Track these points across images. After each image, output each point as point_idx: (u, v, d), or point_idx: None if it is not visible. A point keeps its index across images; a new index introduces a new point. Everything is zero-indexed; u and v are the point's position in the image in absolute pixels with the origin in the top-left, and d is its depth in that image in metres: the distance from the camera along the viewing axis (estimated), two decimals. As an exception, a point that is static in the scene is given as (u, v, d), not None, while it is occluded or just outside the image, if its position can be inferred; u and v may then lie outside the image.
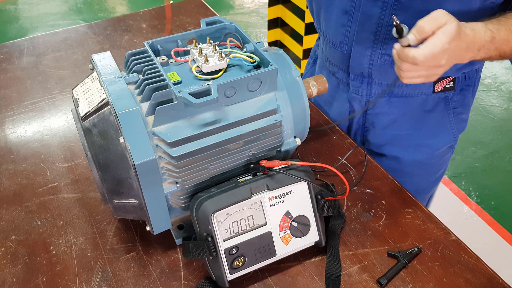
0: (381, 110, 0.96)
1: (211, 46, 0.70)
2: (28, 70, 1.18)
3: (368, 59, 0.89)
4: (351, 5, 0.86)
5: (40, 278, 0.71)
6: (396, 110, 0.95)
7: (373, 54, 0.88)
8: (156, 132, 0.62)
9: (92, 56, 0.69)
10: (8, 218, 0.80)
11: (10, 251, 0.75)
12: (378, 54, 0.87)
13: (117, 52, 1.24)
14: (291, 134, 0.74)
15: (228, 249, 0.65)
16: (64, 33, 1.34)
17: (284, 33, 2.59)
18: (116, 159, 0.62)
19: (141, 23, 1.38)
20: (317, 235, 0.71)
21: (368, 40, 0.87)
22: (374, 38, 0.86)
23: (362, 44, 0.88)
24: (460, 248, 0.74)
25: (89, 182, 0.87)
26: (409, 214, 0.80)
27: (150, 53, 0.69)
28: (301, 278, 0.70)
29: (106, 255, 0.74)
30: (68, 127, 1.00)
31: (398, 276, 0.70)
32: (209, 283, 0.68)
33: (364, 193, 0.84)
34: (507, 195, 2.08)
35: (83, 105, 0.66)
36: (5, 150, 0.94)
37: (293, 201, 0.69)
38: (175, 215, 0.76)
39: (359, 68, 0.92)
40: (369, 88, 0.95)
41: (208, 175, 0.69)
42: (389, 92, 0.93)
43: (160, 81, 0.64)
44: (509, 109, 2.58)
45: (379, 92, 0.94)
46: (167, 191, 0.66)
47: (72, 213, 0.81)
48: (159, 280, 0.70)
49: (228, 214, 0.65)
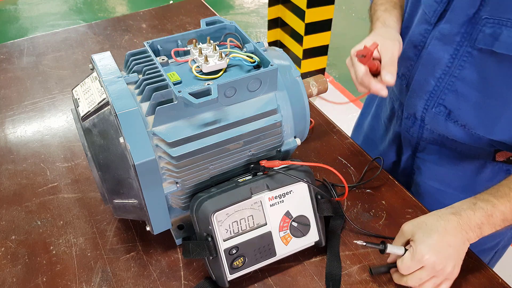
0: (430, 157, 0.89)
1: (211, 46, 0.70)
2: (28, 70, 1.18)
3: (423, 103, 0.81)
4: (421, 40, 0.80)
5: (40, 278, 0.71)
6: (447, 163, 0.87)
7: (430, 100, 0.80)
8: (156, 132, 0.62)
9: (92, 56, 0.69)
10: (8, 218, 0.80)
11: (10, 251, 0.75)
12: (434, 102, 0.80)
13: (117, 52, 1.24)
14: (291, 134, 0.74)
15: (228, 249, 0.65)
16: (64, 33, 1.34)
17: (284, 33, 2.59)
18: (116, 159, 0.62)
19: (141, 23, 1.38)
20: (317, 235, 0.71)
21: (428, 84, 0.79)
22: (435, 84, 0.78)
23: (421, 85, 0.80)
24: (460, 248, 0.74)
25: (89, 182, 0.87)
26: (409, 214, 0.79)
27: (150, 53, 0.69)
28: (301, 278, 0.70)
29: (106, 255, 0.74)
30: (68, 127, 1.00)
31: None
32: (209, 283, 0.68)
33: (364, 193, 0.84)
34: (507, 195, 2.07)
35: (83, 105, 0.66)
36: (5, 150, 0.94)
37: (293, 201, 0.69)
38: (175, 215, 0.76)
39: (413, 108, 0.84)
40: (421, 132, 0.87)
41: (208, 175, 0.69)
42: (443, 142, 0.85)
43: (160, 81, 0.64)
44: (509, 109, 2.57)
45: (430, 137, 0.86)
46: (167, 191, 0.66)
47: (72, 213, 0.81)
48: (159, 280, 0.70)
49: (228, 214, 0.65)
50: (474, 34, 0.71)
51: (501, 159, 0.81)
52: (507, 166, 0.82)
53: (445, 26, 0.74)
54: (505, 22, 0.66)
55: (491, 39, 0.68)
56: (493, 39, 0.68)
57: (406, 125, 0.89)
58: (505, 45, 0.67)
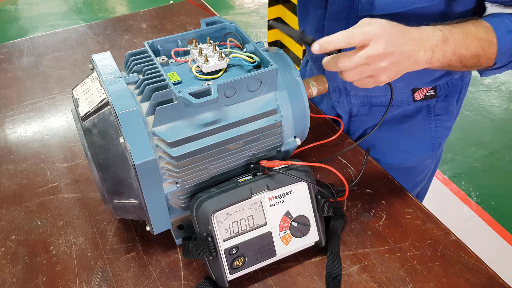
0: (364, 118, 0.99)
1: (211, 46, 0.70)
2: (28, 70, 1.18)
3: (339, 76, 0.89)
4: (320, 24, 0.89)
5: (40, 278, 0.71)
6: (378, 118, 0.96)
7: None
8: (156, 132, 0.62)
9: (92, 56, 0.69)
10: (8, 218, 0.80)
11: (10, 251, 0.75)
12: None
13: (117, 52, 1.24)
14: (291, 134, 0.74)
15: (228, 249, 0.65)
16: (64, 33, 1.34)
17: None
18: (116, 159, 0.62)
19: (141, 23, 1.38)
20: (317, 235, 0.71)
21: None
22: None
23: None
24: (460, 248, 0.74)
25: (89, 182, 0.87)
26: (409, 214, 0.80)
27: (150, 53, 0.69)
28: (301, 278, 0.70)
29: (106, 255, 0.74)
30: (68, 127, 1.00)
31: (398, 276, 0.70)
32: (209, 283, 0.68)
33: (364, 193, 0.84)
34: (507, 195, 2.08)
35: (83, 105, 0.66)
36: (5, 150, 0.94)
37: (293, 201, 0.69)
38: (175, 215, 0.76)
39: (334, 82, 0.94)
40: (349, 99, 0.97)
41: (208, 175, 0.69)
42: (369, 101, 0.95)
43: (160, 81, 0.64)
44: (509, 109, 2.58)
45: (358, 102, 0.96)
46: (167, 191, 0.66)
47: (72, 213, 0.81)
48: (159, 280, 0.70)
49: (228, 214, 0.65)
50: (355, 6, 0.81)
51: (419, 98, 0.93)
52: (426, 102, 0.94)
53: (332, 6, 0.85)
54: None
55: (368, 6, 0.79)
56: (370, 5, 0.79)
57: (335, 97, 0.99)
58: (380, 6, 0.78)
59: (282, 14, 2.53)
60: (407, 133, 0.97)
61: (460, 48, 0.68)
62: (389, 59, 0.63)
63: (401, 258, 0.73)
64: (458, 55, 0.69)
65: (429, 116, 0.95)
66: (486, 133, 2.40)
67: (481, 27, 0.71)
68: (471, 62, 0.71)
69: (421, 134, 0.97)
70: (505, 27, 0.72)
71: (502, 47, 0.71)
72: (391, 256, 0.73)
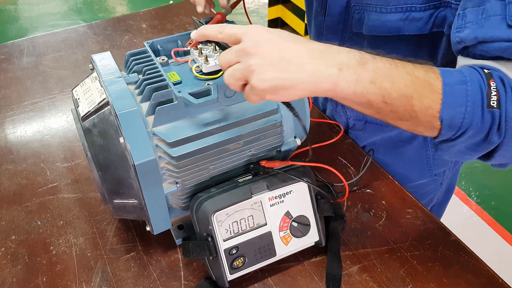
0: (359, 133, 0.96)
1: (211, 46, 0.70)
2: (28, 70, 1.18)
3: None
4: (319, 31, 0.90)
5: (40, 278, 0.71)
6: (372, 135, 0.94)
7: None
8: (156, 132, 0.62)
9: (92, 56, 0.69)
10: (8, 218, 0.80)
11: (10, 251, 0.75)
12: None
13: (117, 52, 1.24)
14: (291, 134, 0.74)
15: (228, 249, 0.65)
16: (64, 33, 1.34)
17: (284, 33, 2.59)
18: (116, 159, 0.62)
19: (141, 23, 1.38)
20: (317, 235, 0.71)
21: None
22: None
23: None
24: (460, 248, 0.74)
25: (89, 182, 0.87)
26: (409, 214, 0.80)
27: (150, 53, 0.69)
28: (301, 278, 0.70)
29: (106, 255, 0.74)
30: (68, 127, 1.00)
31: (398, 276, 0.70)
32: (209, 283, 0.68)
33: (364, 193, 0.84)
34: (507, 195, 2.08)
35: (83, 105, 0.66)
36: (5, 150, 0.94)
37: (293, 201, 0.69)
38: (175, 215, 0.76)
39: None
40: (345, 110, 0.96)
41: (208, 175, 0.69)
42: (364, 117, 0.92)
43: (160, 81, 0.64)
44: (509, 109, 2.57)
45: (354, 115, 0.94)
46: (167, 191, 0.66)
47: (72, 213, 0.81)
48: (159, 280, 0.70)
49: (228, 214, 0.65)
50: (349, 21, 0.80)
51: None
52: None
53: (329, 17, 0.83)
54: (366, 7, 0.75)
55: (360, 24, 0.78)
56: (361, 23, 0.77)
57: (333, 106, 0.99)
58: (368, 27, 0.76)
59: (282, 14, 2.53)
60: (404, 158, 0.92)
61: (383, 79, 0.50)
62: (260, 57, 0.49)
63: (401, 258, 0.73)
64: (379, 87, 0.50)
65: (426, 144, 0.90)
66: (486, 133, 2.40)
67: (422, 67, 0.53)
68: (400, 106, 0.51)
69: (418, 160, 0.92)
70: (459, 76, 0.52)
71: (448, 98, 0.51)
72: (391, 256, 0.73)
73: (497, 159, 0.56)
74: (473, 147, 0.54)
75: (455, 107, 0.51)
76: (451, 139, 0.54)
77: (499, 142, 0.52)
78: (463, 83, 0.51)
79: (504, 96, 0.51)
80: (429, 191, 0.97)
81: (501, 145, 0.53)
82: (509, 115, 0.51)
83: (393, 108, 0.52)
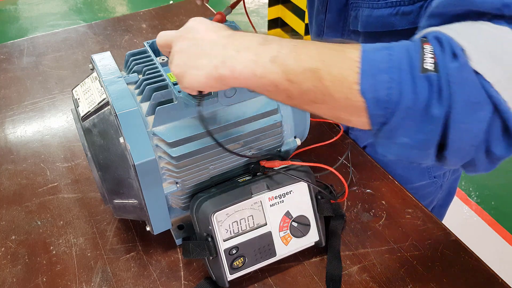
0: (359, 134, 0.96)
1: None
2: (28, 70, 1.18)
3: None
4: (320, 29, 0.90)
5: (40, 278, 0.71)
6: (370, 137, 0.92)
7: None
8: (156, 132, 0.62)
9: (92, 56, 0.69)
10: (8, 218, 0.80)
11: (10, 251, 0.75)
12: None
13: (117, 52, 1.24)
14: (291, 134, 0.74)
15: (228, 249, 0.65)
16: (64, 33, 1.34)
17: (284, 33, 2.59)
18: (116, 159, 0.62)
19: (141, 23, 1.38)
20: (317, 235, 0.71)
21: None
22: None
23: None
24: (460, 248, 0.74)
25: (89, 182, 0.87)
26: (409, 214, 0.80)
27: (150, 53, 0.69)
28: (301, 278, 0.70)
29: (106, 255, 0.74)
30: (68, 127, 1.00)
31: (398, 276, 0.70)
32: (209, 283, 0.68)
33: (364, 193, 0.84)
34: (507, 195, 2.08)
35: (83, 105, 0.66)
36: (5, 150, 0.94)
37: (293, 201, 0.69)
38: (175, 215, 0.76)
39: None
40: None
41: (208, 175, 0.69)
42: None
43: (160, 81, 0.64)
44: (509, 109, 2.57)
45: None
46: (167, 191, 0.66)
47: (72, 213, 0.81)
48: (159, 280, 0.70)
49: (228, 214, 0.65)
50: (348, 19, 0.81)
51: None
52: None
53: (329, 14, 0.84)
54: (361, 3, 0.76)
55: (355, 21, 0.78)
56: (357, 20, 0.78)
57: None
58: (362, 24, 0.77)
59: (282, 14, 2.53)
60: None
61: (285, 57, 0.45)
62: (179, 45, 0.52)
63: (401, 258, 0.73)
64: (281, 65, 0.45)
65: None
66: (486, 133, 2.40)
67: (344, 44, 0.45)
68: (306, 81, 0.44)
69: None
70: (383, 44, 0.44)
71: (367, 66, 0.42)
72: (391, 256, 0.73)
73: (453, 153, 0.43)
74: (415, 133, 0.42)
75: (376, 75, 0.41)
76: (385, 123, 0.43)
77: (443, 114, 0.40)
78: (385, 49, 0.43)
79: (441, 55, 0.40)
80: (428, 193, 0.97)
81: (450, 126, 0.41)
82: (453, 75, 0.39)
83: (300, 87, 0.44)
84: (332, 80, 0.43)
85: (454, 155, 0.43)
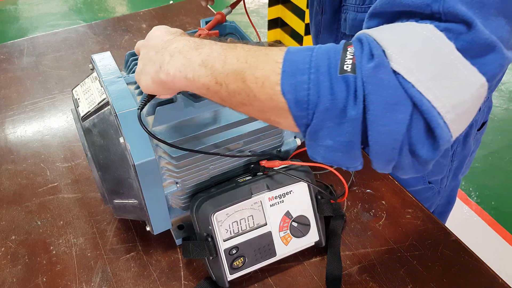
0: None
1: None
2: (28, 70, 1.18)
3: None
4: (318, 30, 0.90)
5: (40, 278, 0.71)
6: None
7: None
8: (156, 132, 0.62)
9: (92, 56, 0.69)
10: (8, 218, 0.80)
11: (10, 251, 0.75)
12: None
13: (117, 52, 1.24)
14: (291, 134, 0.74)
15: (228, 249, 0.65)
16: (64, 33, 1.34)
17: (284, 33, 2.59)
18: (116, 159, 0.62)
19: (141, 23, 1.38)
20: (317, 235, 0.71)
21: None
22: None
23: None
24: (460, 248, 0.74)
25: (89, 182, 0.87)
26: (409, 214, 0.80)
27: (150, 53, 0.69)
28: (301, 278, 0.70)
29: (106, 255, 0.74)
30: (68, 127, 1.00)
31: (398, 276, 0.70)
32: (209, 283, 0.68)
33: (364, 193, 0.84)
34: (507, 195, 2.08)
35: (83, 105, 0.66)
36: (5, 150, 0.94)
37: (293, 201, 0.69)
38: (175, 215, 0.76)
39: None
40: None
41: (208, 175, 0.69)
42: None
43: (160, 81, 0.64)
44: (509, 109, 2.58)
45: None
46: (167, 191, 0.66)
47: (72, 213, 0.81)
48: (159, 280, 0.70)
49: (228, 214, 0.65)
50: (341, 22, 0.82)
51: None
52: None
53: (325, 16, 0.85)
54: (349, 7, 0.77)
55: (345, 24, 0.79)
56: (345, 23, 0.79)
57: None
58: (349, 27, 0.78)
59: (282, 14, 2.53)
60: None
61: (215, 60, 0.46)
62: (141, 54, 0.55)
63: (401, 258, 0.73)
64: (210, 68, 0.46)
65: None
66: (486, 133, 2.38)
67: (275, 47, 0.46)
68: (232, 83, 0.45)
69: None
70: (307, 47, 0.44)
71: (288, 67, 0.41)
72: (391, 256, 0.73)
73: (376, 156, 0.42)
74: (337, 135, 0.42)
75: (295, 75, 0.41)
76: (309, 125, 0.43)
77: (359, 115, 0.39)
78: (308, 50, 0.43)
79: (360, 56, 0.40)
80: (426, 198, 0.96)
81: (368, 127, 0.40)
82: (367, 75, 0.39)
83: (228, 89, 0.45)
84: (256, 81, 0.43)
85: (377, 158, 0.42)
